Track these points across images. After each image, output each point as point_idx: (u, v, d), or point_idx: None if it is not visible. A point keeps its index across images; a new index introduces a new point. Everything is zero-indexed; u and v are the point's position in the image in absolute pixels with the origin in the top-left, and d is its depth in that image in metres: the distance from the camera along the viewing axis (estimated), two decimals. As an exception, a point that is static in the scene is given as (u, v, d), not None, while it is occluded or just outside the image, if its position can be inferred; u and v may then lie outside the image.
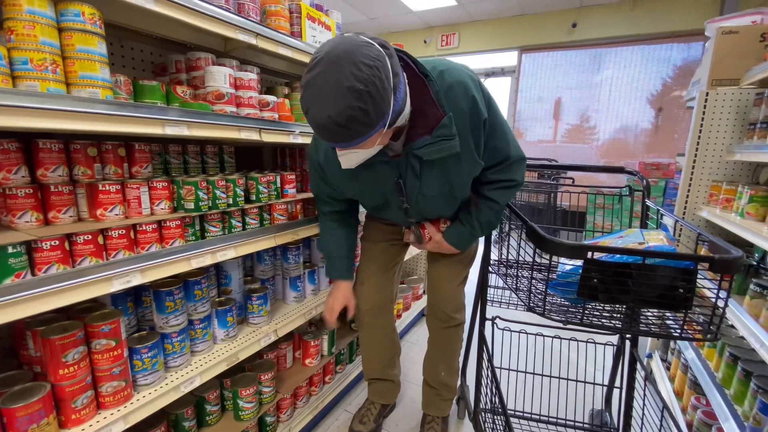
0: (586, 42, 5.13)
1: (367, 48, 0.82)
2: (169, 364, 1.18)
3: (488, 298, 1.54)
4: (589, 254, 0.92)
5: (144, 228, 1.05)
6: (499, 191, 1.25)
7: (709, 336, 0.90)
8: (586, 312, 1.00)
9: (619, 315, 1.03)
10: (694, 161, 2.01)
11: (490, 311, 1.51)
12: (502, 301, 1.67)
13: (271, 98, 1.46)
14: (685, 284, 0.89)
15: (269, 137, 1.42)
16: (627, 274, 0.91)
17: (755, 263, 1.62)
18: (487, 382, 1.48)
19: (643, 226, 1.45)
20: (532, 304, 1.08)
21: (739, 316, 1.42)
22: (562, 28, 5.10)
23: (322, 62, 0.82)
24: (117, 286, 0.96)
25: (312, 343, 1.76)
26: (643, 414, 1.49)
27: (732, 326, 1.48)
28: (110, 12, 1.06)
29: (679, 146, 4.79)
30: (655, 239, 1.12)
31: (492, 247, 1.52)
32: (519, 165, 1.22)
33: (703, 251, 1.67)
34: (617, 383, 1.56)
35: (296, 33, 1.59)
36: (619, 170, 1.63)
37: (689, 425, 1.67)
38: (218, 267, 1.47)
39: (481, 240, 1.52)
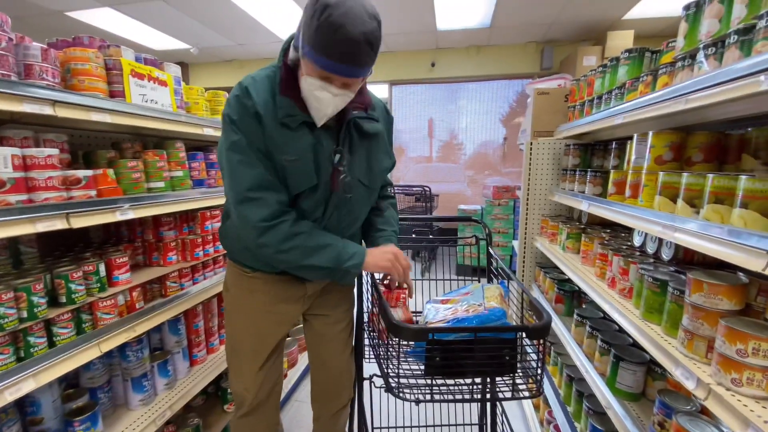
0: (443, 79, 5.80)
1: None
2: None
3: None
4: (431, 335, 0.96)
5: None
6: (388, 188, 1.49)
7: (534, 393, 1.02)
8: (436, 386, 1.04)
9: (467, 384, 1.10)
10: (528, 198, 2.35)
11: (367, 369, 1.48)
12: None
13: (83, 173, 1.21)
14: (510, 351, 0.98)
15: (83, 221, 1.18)
16: (465, 348, 0.97)
17: (577, 288, 1.94)
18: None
19: (489, 272, 1.60)
20: (390, 382, 1.07)
21: (568, 341, 1.66)
22: (424, 66, 5.67)
23: None
24: None
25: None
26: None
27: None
28: None
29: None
30: (492, 297, 1.23)
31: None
32: None
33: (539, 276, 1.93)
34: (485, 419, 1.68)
35: (118, 93, 1.37)
36: (467, 219, 1.80)
37: (546, 437, 1.89)
38: (18, 391, 1.15)
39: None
